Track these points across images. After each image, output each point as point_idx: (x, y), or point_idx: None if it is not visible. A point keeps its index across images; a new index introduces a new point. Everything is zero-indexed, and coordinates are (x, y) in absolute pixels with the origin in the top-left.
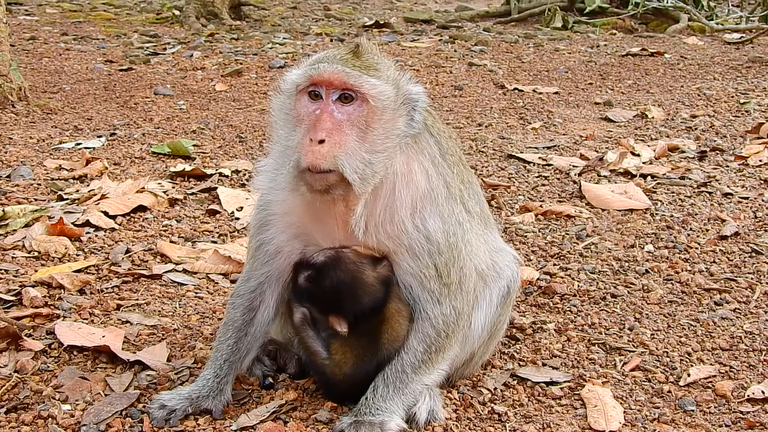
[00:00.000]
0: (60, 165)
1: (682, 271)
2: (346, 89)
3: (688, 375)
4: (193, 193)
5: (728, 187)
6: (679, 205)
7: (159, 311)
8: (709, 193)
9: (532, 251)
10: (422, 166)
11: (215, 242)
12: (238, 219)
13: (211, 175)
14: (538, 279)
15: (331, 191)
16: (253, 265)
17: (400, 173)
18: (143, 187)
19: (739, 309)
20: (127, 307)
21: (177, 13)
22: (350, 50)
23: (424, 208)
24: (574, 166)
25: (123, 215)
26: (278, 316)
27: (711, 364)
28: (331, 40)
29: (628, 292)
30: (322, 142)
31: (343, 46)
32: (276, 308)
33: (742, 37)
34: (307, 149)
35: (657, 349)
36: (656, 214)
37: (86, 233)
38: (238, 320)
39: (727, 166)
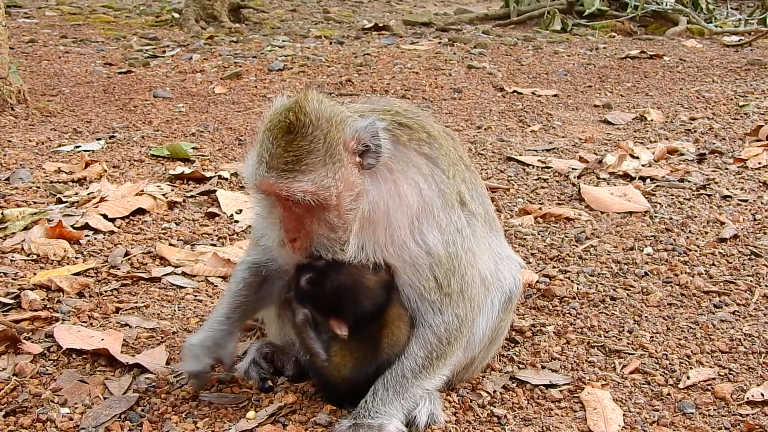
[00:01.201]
0: (59, 168)
1: (682, 273)
2: (285, 197)
3: (688, 377)
4: (192, 196)
5: (727, 189)
6: (678, 208)
7: (158, 314)
8: (708, 195)
9: (532, 254)
10: (411, 183)
11: (214, 245)
12: (237, 222)
13: (210, 177)
14: (537, 282)
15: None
16: (256, 249)
17: (389, 197)
18: (142, 190)
19: (738, 311)
20: (126, 310)
21: (176, 15)
22: (283, 133)
23: (421, 224)
24: (573, 169)
25: (122, 218)
26: (277, 318)
27: (710, 367)
28: (330, 43)
29: (628, 295)
30: (293, 240)
31: (280, 118)
32: (279, 293)
33: (740, 39)
34: (284, 246)
35: (656, 351)
36: (655, 216)
37: (85, 236)
38: (248, 278)
39: (726, 169)
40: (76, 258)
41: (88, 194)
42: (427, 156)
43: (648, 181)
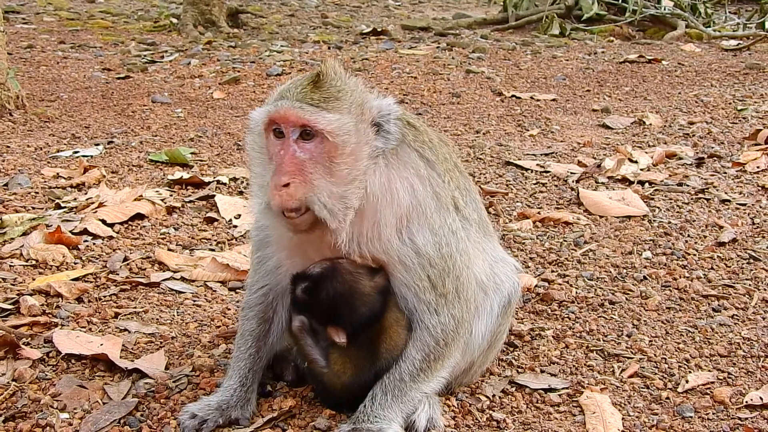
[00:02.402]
0: (57, 173)
1: (680, 277)
2: (304, 126)
3: (687, 381)
4: (190, 201)
5: (726, 193)
6: (677, 212)
7: (157, 319)
8: (707, 199)
9: (530, 258)
10: (405, 182)
11: (213, 250)
12: (236, 227)
13: (209, 182)
14: (536, 286)
15: (314, 229)
16: (255, 277)
17: (380, 192)
18: (141, 195)
19: (737, 315)
20: (125, 315)
21: (174, 21)
22: (311, 80)
23: (411, 223)
24: (571, 173)
25: (121, 223)
26: None
27: (709, 371)
28: (329, 48)
29: (626, 299)
30: (287, 185)
31: (307, 74)
32: (288, 319)
33: (739, 44)
34: (274, 193)
35: (655, 355)
36: (654, 220)
37: (84, 241)
38: (255, 330)
39: (725, 173)
40: (75, 263)
41: (87, 200)
42: (427, 160)
43: (646, 185)
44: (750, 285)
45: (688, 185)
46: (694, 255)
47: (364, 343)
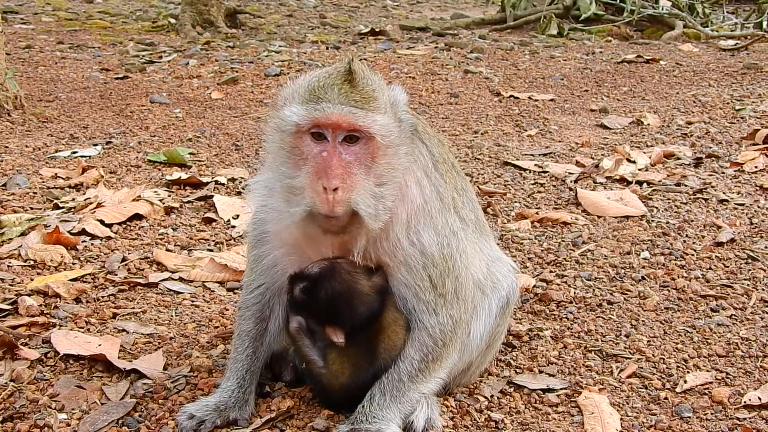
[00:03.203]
0: (56, 174)
1: (678, 277)
2: (353, 131)
3: (685, 381)
4: (189, 202)
5: (724, 193)
6: (675, 212)
7: (155, 320)
8: (705, 199)
9: (529, 258)
10: (416, 179)
11: (211, 250)
12: (234, 227)
13: (207, 183)
14: (534, 286)
15: (345, 231)
16: (252, 276)
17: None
18: (139, 196)
19: (735, 315)
20: (123, 315)
21: (173, 21)
22: (345, 79)
23: (418, 223)
24: (569, 173)
25: (119, 224)
26: None
27: (707, 371)
28: (327, 48)
29: (625, 299)
30: (335, 189)
31: (333, 71)
32: (285, 318)
33: (737, 43)
34: (323, 197)
35: (653, 355)
36: (652, 220)
37: (82, 242)
38: (252, 330)
39: (723, 173)
40: (73, 264)
41: (85, 200)
42: (432, 155)
43: (645, 185)
44: (748, 285)
45: (686, 185)
46: (693, 255)
47: (362, 343)
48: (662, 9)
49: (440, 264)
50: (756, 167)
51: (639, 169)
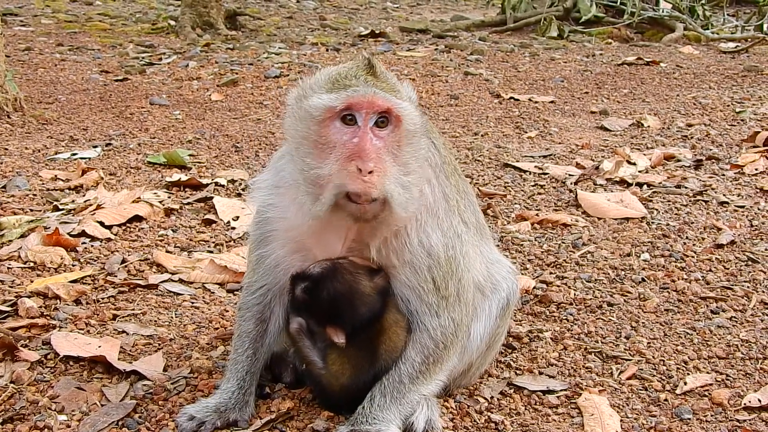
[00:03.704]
0: (56, 175)
1: (679, 279)
2: (385, 113)
3: (685, 383)
4: (189, 203)
5: (724, 195)
6: (675, 214)
7: (155, 321)
8: (705, 201)
9: (529, 260)
10: (426, 178)
11: (211, 252)
12: (234, 228)
13: (207, 184)
14: (534, 288)
15: (375, 219)
16: (254, 277)
17: None
18: (139, 197)
19: (735, 317)
20: (123, 317)
21: (172, 23)
22: (367, 71)
23: (427, 223)
24: (570, 175)
25: (119, 225)
26: None
27: (707, 373)
28: (327, 50)
29: (625, 301)
30: (371, 172)
31: (353, 64)
32: (285, 319)
33: (737, 46)
34: (356, 179)
35: (653, 357)
36: (652, 222)
37: (82, 243)
38: (252, 331)
39: (723, 175)
40: (73, 265)
41: (85, 202)
42: (440, 156)
43: (645, 187)
44: (748, 287)
45: (686, 187)
46: (693, 257)
47: (363, 344)
48: (662, 11)
49: (445, 266)
50: (756, 169)
51: (639, 171)
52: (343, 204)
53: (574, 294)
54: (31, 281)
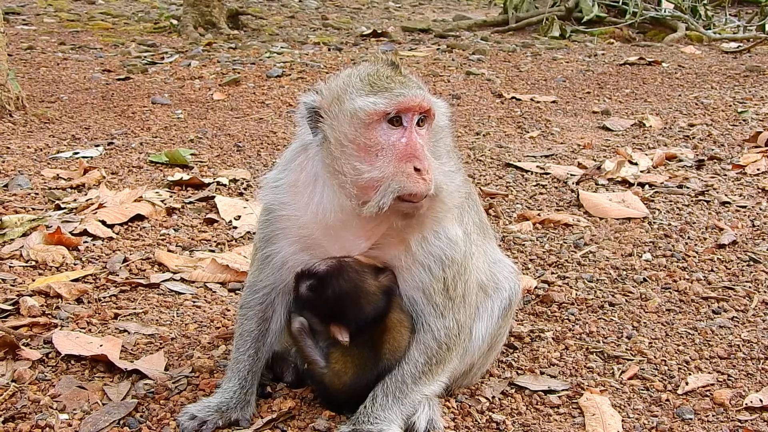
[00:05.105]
0: (58, 174)
1: (680, 279)
2: (426, 112)
3: (686, 383)
4: (190, 202)
5: (726, 195)
6: (677, 214)
7: (157, 320)
8: (707, 201)
9: (530, 260)
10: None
11: (213, 251)
12: (235, 228)
13: (209, 184)
14: (536, 287)
15: (419, 213)
16: (259, 276)
17: None
18: (141, 197)
19: (737, 317)
20: (124, 316)
21: (175, 22)
22: (394, 70)
23: (452, 219)
24: (571, 175)
25: (121, 224)
26: None
27: (709, 373)
28: (329, 50)
29: (626, 301)
30: (426, 171)
31: (375, 65)
32: (287, 318)
33: (739, 46)
34: (416, 179)
35: (655, 357)
36: (654, 222)
37: (84, 242)
38: (254, 331)
39: (725, 175)
40: (75, 264)
41: (87, 201)
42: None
43: (647, 187)
44: (750, 287)
45: (688, 187)
46: (694, 257)
47: (367, 343)
48: (664, 11)
49: (455, 267)
50: (758, 169)
51: (641, 171)
52: (396, 204)
53: (576, 294)
54: (33, 280)
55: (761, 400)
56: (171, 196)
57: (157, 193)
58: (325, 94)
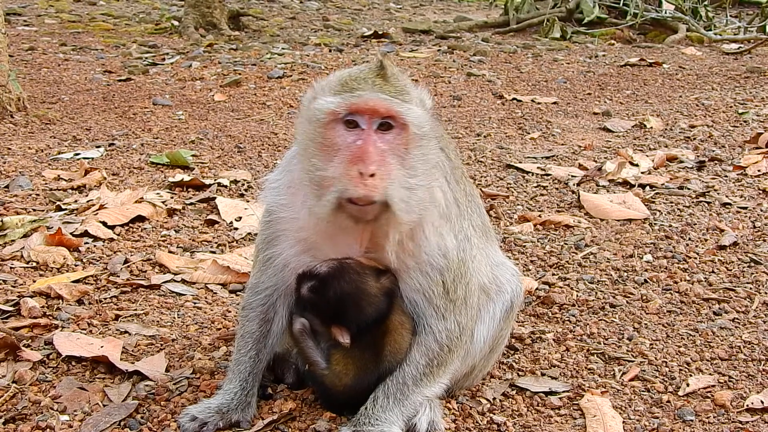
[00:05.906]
0: (59, 175)
1: (681, 280)
2: (389, 117)
3: (687, 385)
4: (191, 203)
5: (727, 197)
6: (678, 215)
7: (157, 321)
8: (708, 203)
9: (531, 261)
10: (439, 183)
11: (214, 252)
12: (236, 229)
13: (210, 185)
14: (536, 289)
15: (375, 221)
16: (261, 278)
17: None
18: (142, 198)
19: (737, 319)
20: (125, 317)
21: (176, 23)
22: (377, 73)
23: (442, 227)
24: (572, 176)
25: (121, 225)
26: None
27: (710, 374)
28: (330, 51)
29: (627, 302)
30: (372, 175)
31: (365, 66)
32: (288, 319)
33: (740, 47)
34: (358, 182)
35: (656, 359)
36: (655, 223)
37: (85, 243)
38: (256, 332)
39: (726, 176)
40: (76, 265)
41: (88, 202)
42: (450, 161)
43: (647, 188)
44: (751, 288)
45: (689, 188)
46: (695, 258)
47: (368, 344)
48: (665, 12)
49: (455, 269)
50: (759, 171)
51: (642, 172)
52: (345, 205)
53: (577, 295)
54: (34, 281)
55: (762, 402)
56: (172, 197)
57: (158, 194)
58: (308, 94)
